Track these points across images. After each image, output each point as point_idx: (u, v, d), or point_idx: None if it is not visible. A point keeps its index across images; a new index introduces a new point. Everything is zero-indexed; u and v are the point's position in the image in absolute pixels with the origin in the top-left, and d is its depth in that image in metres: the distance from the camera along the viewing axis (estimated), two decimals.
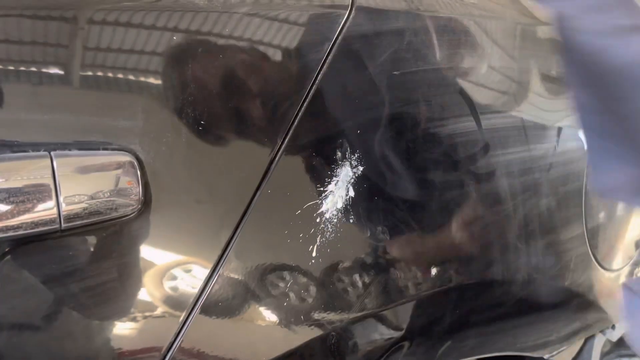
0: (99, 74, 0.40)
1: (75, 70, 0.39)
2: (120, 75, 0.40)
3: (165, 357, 0.43)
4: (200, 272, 0.44)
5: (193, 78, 0.42)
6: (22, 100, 0.37)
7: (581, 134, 0.48)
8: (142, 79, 0.41)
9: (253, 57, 0.45)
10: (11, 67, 0.37)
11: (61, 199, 0.36)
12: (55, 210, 0.36)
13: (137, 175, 0.39)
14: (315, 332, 0.50)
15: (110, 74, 0.40)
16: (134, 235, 0.41)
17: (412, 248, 0.57)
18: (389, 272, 0.55)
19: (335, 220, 0.49)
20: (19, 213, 0.35)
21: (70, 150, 0.37)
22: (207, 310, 0.44)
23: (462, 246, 0.60)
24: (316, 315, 0.50)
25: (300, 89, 0.47)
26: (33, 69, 0.37)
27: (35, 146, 0.36)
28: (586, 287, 0.82)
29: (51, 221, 0.36)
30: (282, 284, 0.48)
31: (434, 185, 0.57)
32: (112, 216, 0.39)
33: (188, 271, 0.44)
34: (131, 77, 0.41)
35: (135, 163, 0.39)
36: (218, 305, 0.45)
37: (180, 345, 0.43)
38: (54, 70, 0.38)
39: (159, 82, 0.42)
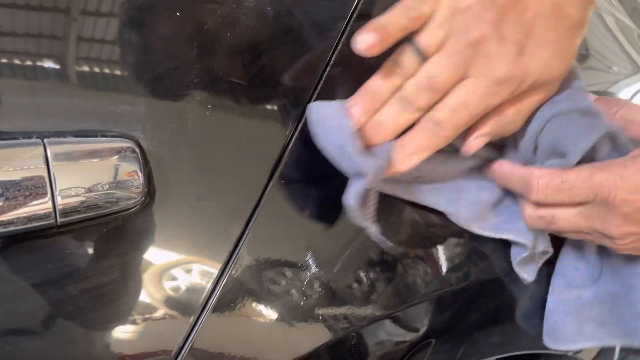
0: (96, 53, 0.36)
1: (70, 50, 0.35)
2: (119, 56, 0.37)
3: None
4: (210, 270, 0.41)
5: (199, 60, 0.39)
6: (11, 83, 0.34)
7: None
8: (144, 59, 0.38)
9: (263, 39, 0.42)
10: None
11: (56, 191, 0.33)
12: (50, 204, 0.33)
13: (140, 166, 0.36)
14: (335, 333, 0.47)
15: (108, 54, 0.37)
16: (136, 231, 0.38)
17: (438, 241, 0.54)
18: (412, 269, 0.52)
19: None
20: (10, 208, 0.31)
21: (65, 137, 0.34)
22: (219, 311, 0.41)
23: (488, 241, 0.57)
24: (336, 315, 0.47)
25: (313, 72, 0.44)
26: (23, 48, 0.34)
27: (26, 133, 0.33)
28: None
29: (46, 216, 0.33)
30: (298, 282, 0.45)
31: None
32: (112, 210, 0.35)
33: (196, 269, 0.41)
34: (131, 57, 0.37)
35: (138, 152, 0.36)
36: (230, 305, 0.42)
37: (190, 349, 0.40)
38: (47, 49, 0.35)
39: (162, 63, 0.38)
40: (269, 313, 0.44)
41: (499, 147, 0.50)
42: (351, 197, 0.40)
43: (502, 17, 0.39)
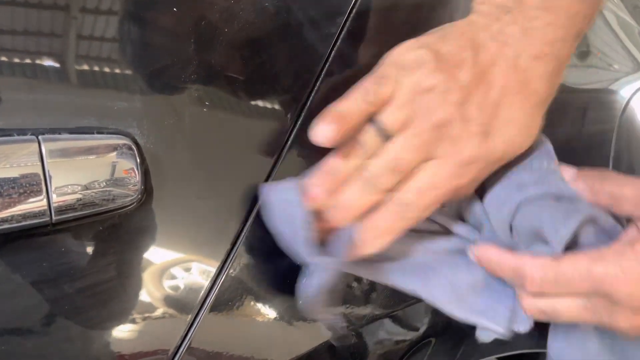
0: (92, 49, 0.36)
1: (66, 45, 0.35)
2: (115, 51, 0.36)
3: None
4: (208, 269, 0.41)
5: (197, 56, 0.39)
6: (5, 79, 0.33)
7: None
8: (141, 55, 0.37)
9: (263, 34, 0.42)
10: None
11: (51, 188, 0.32)
12: (45, 202, 0.32)
13: (136, 162, 0.36)
14: (335, 332, 0.47)
15: (104, 50, 0.36)
16: (133, 229, 0.37)
17: None
18: None
19: None
20: (3, 205, 0.31)
21: (60, 134, 0.33)
22: (216, 309, 0.41)
23: None
24: (336, 314, 0.46)
25: (313, 66, 0.43)
26: (18, 44, 0.34)
27: (21, 130, 0.32)
28: None
29: (41, 213, 0.32)
30: (297, 282, 0.44)
31: None
32: (109, 208, 0.35)
33: (194, 268, 0.40)
34: (128, 53, 0.37)
35: (134, 149, 0.36)
36: (228, 304, 0.41)
37: (188, 348, 0.40)
38: (42, 45, 0.34)
39: (159, 59, 0.38)
40: (268, 312, 0.44)
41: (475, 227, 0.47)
42: (305, 293, 0.39)
43: (466, 97, 0.37)
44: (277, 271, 0.44)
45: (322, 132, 0.37)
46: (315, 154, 0.41)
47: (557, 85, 0.41)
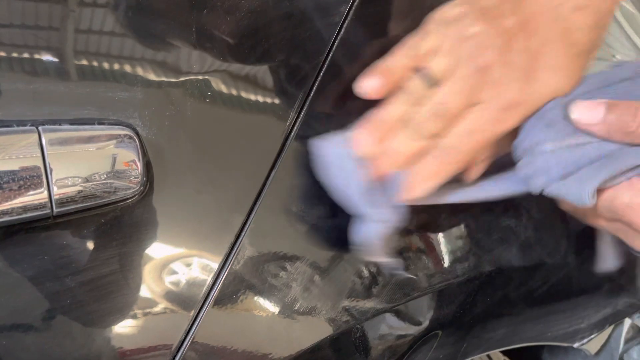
0: (92, 38, 0.35)
1: (66, 35, 0.34)
2: (116, 39, 0.36)
3: (175, 356, 0.38)
4: (211, 263, 0.40)
5: (199, 45, 0.38)
6: (5, 69, 0.32)
7: None
8: (142, 44, 0.37)
9: (265, 24, 0.41)
10: None
11: (52, 180, 0.32)
12: (45, 194, 0.31)
13: (138, 154, 0.35)
14: (339, 326, 0.46)
15: (104, 39, 0.35)
16: (135, 222, 0.36)
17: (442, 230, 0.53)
18: (418, 260, 0.51)
19: None
20: (3, 198, 0.30)
21: (60, 125, 0.33)
22: (220, 304, 0.40)
23: (493, 230, 0.56)
24: (340, 308, 0.46)
25: (316, 58, 0.43)
26: (18, 35, 0.33)
27: (21, 121, 0.32)
28: (617, 270, 0.78)
29: (41, 206, 0.31)
30: (300, 275, 0.44)
31: None
32: (110, 200, 0.34)
33: (197, 262, 0.40)
34: (129, 41, 0.36)
35: (136, 140, 0.35)
36: (232, 298, 0.41)
37: (191, 343, 0.39)
38: (42, 36, 0.33)
39: (160, 47, 0.37)
40: (271, 306, 0.43)
41: None
42: (365, 239, 0.40)
43: (508, 43, 0.38)
44: (281, 264, 0.44)
45: (369, 84, 0.38)
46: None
47: (600, 38, 0.41)
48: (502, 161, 0.45)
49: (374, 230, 0.40)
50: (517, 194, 0.43)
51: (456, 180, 0.44)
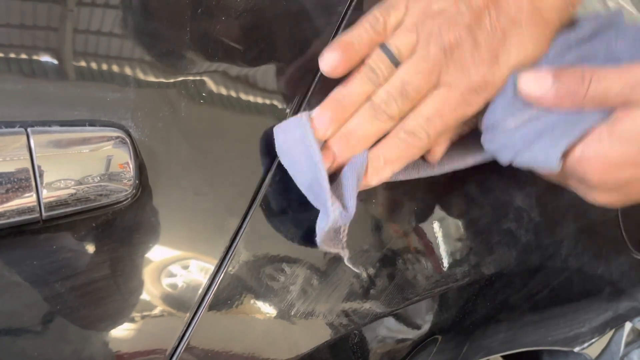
0: (83, 37, 0.34)
1: (57, 34, 0.33)
2: (107, 40, 0.35)
3: None
4: (206, 266, 0.39)
5: (193, 45, 0.37)
6: None
7: None
8: (134, 43, 0.36)
9: (261, 24, 0.40)
10: None
11: (41, 183, 0.31)
12: (34, 197, 0.31)
13: (130, 156, 0.34)
14: (336, 331, 0.45)
15: (96, 38, 0.35)
16: (127, 225, 0.36)
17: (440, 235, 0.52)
18: (416, 265, 0.50)
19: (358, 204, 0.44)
20: None
21: (50, 126, 0.32)
22: (215, 308, 0.39)
23: (492, 233, 0.55)
24: (337, 313, 0.45)
25: (313, 58, 0.42)
26: (7, 33, 0.32)
27: (9, 122, 0.31)
28: (619, 274, 0.78)
29: (30, 210, 0.31)
30: (297, 278, 0.43)
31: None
32: (102, 203, 0.33)
33: (192, 265, 0.39)
34: (121, 41, 0.35)
35: (128, 142, 0.34)
36: (228, 302, 0.40)
37: (186, 347, 0.38)
38: (32, 35, 0.33)
39: (153, 47, 0.36)
40: (268, 310, 0.42)
41: None
42: (321, 237, 0.38)
43: (476, 21, 0.36)
44: (278, 267, 0.43)
45: (329, 60, 0.36)
46: None
47: (570, 17, 0.40)
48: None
49: (332, 221, 0.38)
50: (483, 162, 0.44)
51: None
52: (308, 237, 0.43)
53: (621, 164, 0.36)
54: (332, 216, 0.37)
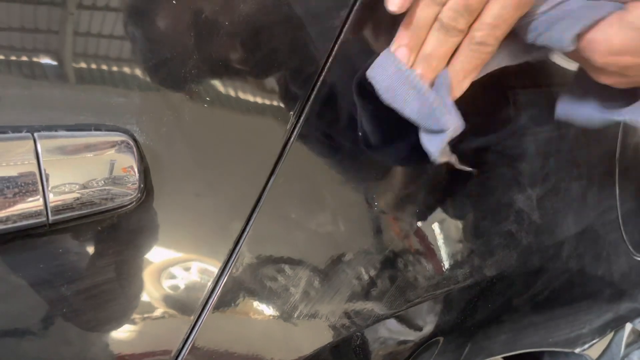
0: (89, 44, 0.35)
1: (62, 41, 0.34)
2: (112, 44, 0.35)
3: None
4: (210, 269, 0.39)
5: (196, 50, 0.37)
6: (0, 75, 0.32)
7: None
8: (139, 49, 0.36)
9: (264, 27, 0.40)
10: None
11: (47, 187, 0.31)
12: (41, 201, 0.31)
13: (135, 160, 0.34)
14: (339, 333, 0.45)
15: (101, 44, 0.35)
16: (133, 229, 0.36)
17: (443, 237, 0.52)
18: (417, 266, 0.50)
19: (362, 207, 0.44)
20: None
21: (56, 131, 0.32)
22: (220, 310, 0.40)
23: (493, 235, 0.55)
24: (339, 315, 0.45)
25: (316, 61, 0.42)
26: (14, 40, 0.32)
27: (16, 127, 0.31)
28: (619, 275, 0.78)
29: (37, 214, 0.31)
30: (300, 281, 0.43)
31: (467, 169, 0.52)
32: (107, 207, 0.34)
33: (196, 268, 0.39)
34: (126, 46, 0.36)
35: (133, 146, 0.35)
36: (232, 304, 0.40)
37: (191, 348, 0.39)
38: (38, 41, 0.33)
39: (158, 53, 0.37)
40: (271, 312, 0.43)
41: None
42: (437, 150, 0.42)
43: None
44: (281, 270, 0.43)
45: (395, 1, 0.39)
46: (319, 150, 0.40)
47: None
48: None
49: (451, 134, 0.42)
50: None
51: None
52: (311, 239, 0.44)
53: (623, 50, 0.41)
54: (451, 131, 0.41)
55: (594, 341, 0.81)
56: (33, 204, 0.31)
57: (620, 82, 0.44)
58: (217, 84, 0.39)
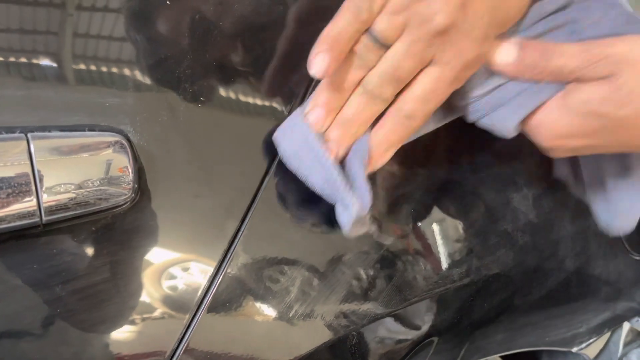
0: (83, 43, 0.35)
1: (56, 40, 0.34)
2: (107, 44, 0.35)
3: None
4: (205, 268, 0.39)
5: (191, 50, 0.38)
6: None
7: None
8: (133, 49, 0.36)
9: (259, 28, 0.41)
10: None
11: (41, 188, 0.31)
12: (34, 202, 0.31)
13: (129, 160, 0.34)
14: (335, 332, 0.46)
15: (95, 44, 0.35)
16: (127, 229, 0.36)
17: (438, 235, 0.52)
18: (413, 265, 0.50)
19: None
20: None
21: (50, 131, 0.32)
22: (214, 310, 0.40)
23: (490, 234, 0.55)
24: (336, 314, 0.45)
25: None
26: (7, 39, 0.32)
27: (9, 128, 0.31)
28: (616, 274, 0.78)
29: (30, 214, 0.31)
30: (296, 280, 0.43)
31: (462, 167, 0.52)
32: (102, 207, 0.34)
33: (190, 268, 0.39)
34: (120, 46, 0.36)
35: (127, 146, 0.35)
36: (227, 304, 0.40)
37: (186, 349, 0.39)
38: (31, 40, 0.33)
39: (152, 53, 0.37)
40: (267, 312, 0.43)
41: None
42: (348, 225, 0.39)
43: (467, 1, 0.35)
44: (277, 269, 0.43)
45: (317, 65, 0.35)
46: None
47: None
48: None
49: (355, 215, 0.39)
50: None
51: None
52: (307, 239, 0.44)
53: (569, 134, 0.40)
54: (354, 210, 0.38)
55: (591, 340, 0.81)
56: (26, 204, 0.31)
57: (576, 155, 0.44)
58: (211, 84, 0.39)
